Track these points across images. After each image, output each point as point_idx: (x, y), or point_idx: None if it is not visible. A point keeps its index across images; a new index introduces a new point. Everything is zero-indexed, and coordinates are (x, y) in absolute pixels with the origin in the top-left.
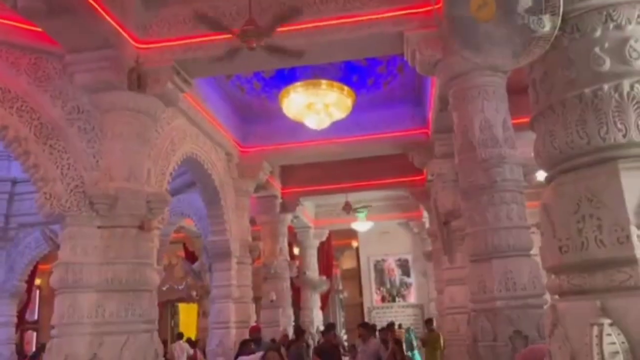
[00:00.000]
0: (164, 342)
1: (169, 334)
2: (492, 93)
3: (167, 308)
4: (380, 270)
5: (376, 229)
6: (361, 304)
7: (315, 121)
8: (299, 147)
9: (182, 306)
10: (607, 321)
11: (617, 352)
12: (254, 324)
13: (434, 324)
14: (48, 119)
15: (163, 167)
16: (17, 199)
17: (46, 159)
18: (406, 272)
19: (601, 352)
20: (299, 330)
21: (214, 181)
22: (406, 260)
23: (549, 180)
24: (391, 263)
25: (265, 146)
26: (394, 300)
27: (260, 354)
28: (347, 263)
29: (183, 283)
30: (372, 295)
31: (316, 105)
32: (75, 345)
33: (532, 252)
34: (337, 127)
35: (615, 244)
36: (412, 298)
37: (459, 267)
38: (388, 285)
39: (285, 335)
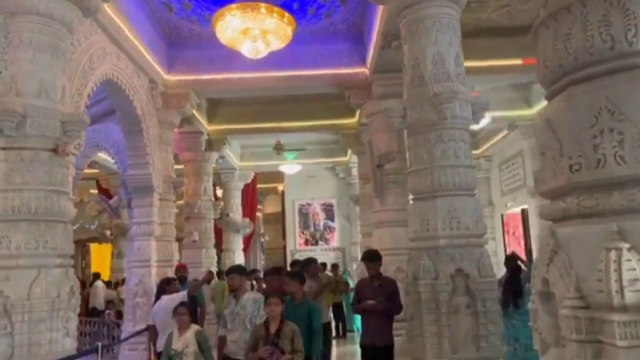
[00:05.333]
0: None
1: (80, 275)
2: (446, 25)
3: (78, 248)
4: (304, 214)
5: (302, 173)
6: (284, 247)
7: (251, 49)
8: (230, 78)
9: (94, 246)
10: (625, 245)
11: (637, 279)
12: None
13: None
14: None
15: (80, 87)
16: None
17: None
18: (330, 216)
19: (619, 279)
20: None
21: (135, 109)
22: (331, 205)
23: (553, 94)
24: (316, 207)
25: (193, 75)
26: (317, 243)
27: (183, 293)
28: (270, 207)
29: (95, 222)
30: (295, 239)
31: (253, 31)
32: None
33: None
34: (272, 59)
35: (639, 160)
36: (334, 242)
37: (390, 210)
38: (312, 229)
39: (210, 272)
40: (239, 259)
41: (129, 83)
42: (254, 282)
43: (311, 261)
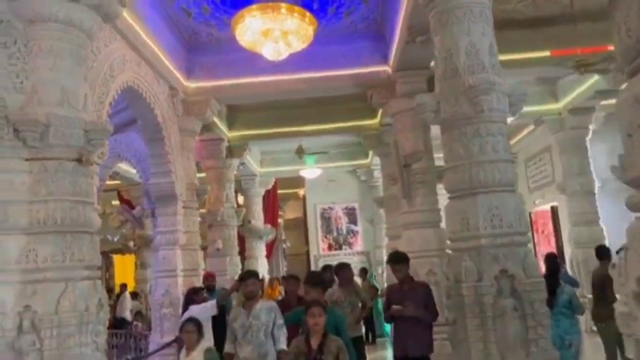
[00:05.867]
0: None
1: (104, 286)
2: (478, 14)
3: (102, 260)
4: (327, 219)
5: (323, 176)
6: (307, 253)
7: (272, 51)
8: (250, 82)
9: (117, 258)
10: None
11: None
12: (204, 271)
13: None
14: None
15: (101, 95)
16: None
17: None
18: (353, 220)
19: None
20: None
21: (156, 117)
22: (353, 208)
23: (635, 70)
24: (338, 211)
25: (213, 81)
26: (340, 248)
27: (213, 302)
28: (291, 213)
29: (118, 233)
30: (318, 244)
31: (274, 32)
32: (2, 295)
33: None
34: (292, 61)
35: None
36: (358, 246)
37: (418, 211)
38: (335, 234)
39: (237, 282)
40: (263, 266)
41: (150, 90)
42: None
43: (344, 266)
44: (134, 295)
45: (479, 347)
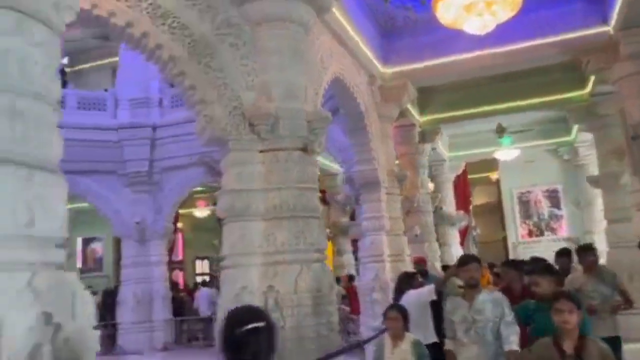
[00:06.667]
0: None
1: None
2: None
3: None
4: (525, 202)
5: (518, 158)
6: (504, 239)
7: (478, 24)
8: (447, 62)
9: None
10: None
11: None
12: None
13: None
14: (199, 35)
15: (316, 87)
16: (159, 144)
17: (202, 80)
18: (556, 203)
19: None
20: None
21: (359, 105)
22: (555, 191)
23: None
24: (538, 194)
25: (408, 65)
26: (542, 234)
27: (431, 286)
28: (479, 198)
29: None
30: (517, 230)
31: (477, 5)
32: (250, 275)
33: None
34: (493, 34)
35: None
36: (563, 231)
37: None
38: (535, 219)
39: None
40: (457, 253)
41: (352, 80)
42: None
43: (587, 249)
44: (338, 280)
45: None
